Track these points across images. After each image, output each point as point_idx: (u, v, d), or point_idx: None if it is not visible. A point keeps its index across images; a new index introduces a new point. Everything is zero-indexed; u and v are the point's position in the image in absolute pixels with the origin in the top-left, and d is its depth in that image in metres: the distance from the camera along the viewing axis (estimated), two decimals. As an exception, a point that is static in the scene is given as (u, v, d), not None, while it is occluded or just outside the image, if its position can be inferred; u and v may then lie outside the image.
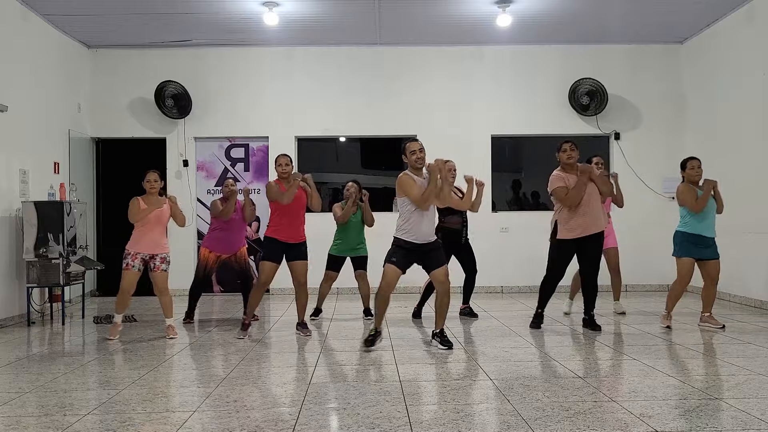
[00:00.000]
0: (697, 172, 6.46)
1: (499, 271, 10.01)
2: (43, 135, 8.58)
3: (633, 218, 9.44)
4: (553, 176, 6.51)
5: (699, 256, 6.45)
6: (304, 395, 4.26)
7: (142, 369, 5.14)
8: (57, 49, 9.12)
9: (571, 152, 6.43)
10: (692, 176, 6.47)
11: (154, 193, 6.48)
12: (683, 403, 3.96)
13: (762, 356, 5.27)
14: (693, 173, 6.47)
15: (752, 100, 8.32)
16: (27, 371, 5.12)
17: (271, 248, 6.29)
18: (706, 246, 6.43)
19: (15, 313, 7.69)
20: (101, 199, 10.28)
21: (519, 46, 10.21)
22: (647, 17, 9.02)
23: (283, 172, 6.37)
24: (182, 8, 8.53)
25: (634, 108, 10.25)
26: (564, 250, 6.49)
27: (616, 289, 7.65)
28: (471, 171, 9.80)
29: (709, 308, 6.58)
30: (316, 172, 10.81)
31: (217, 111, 10.19)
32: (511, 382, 4.55)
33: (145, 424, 3.70)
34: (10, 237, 7.67)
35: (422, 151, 5.71)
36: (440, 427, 3.57)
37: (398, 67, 10.24)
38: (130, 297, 6.48)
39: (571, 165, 6.45)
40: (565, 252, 6.50)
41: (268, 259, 6.28)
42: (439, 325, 5.82)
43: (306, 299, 6.49)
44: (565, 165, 6.48)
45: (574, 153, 6.44)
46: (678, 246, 6.52)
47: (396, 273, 5.67)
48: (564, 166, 6.49)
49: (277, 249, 6.29)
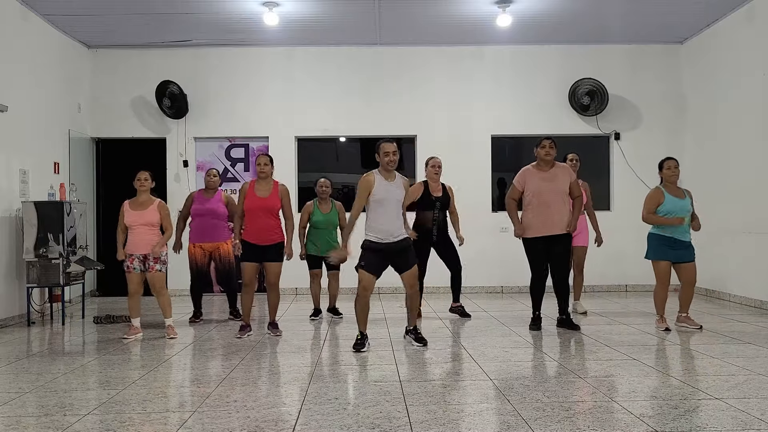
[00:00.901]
0: (673, 173, 6.47)
1: (499, 271, 10.01)
2: (43, 135, 8.58)
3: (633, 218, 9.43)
4: (520, 171, 6.68)
5: (674, 259, 6.46)
6: (304, 395, 4.26)
7: (142, 369, 5.14)
8: (57, 49, 9.12)
9: (550, 149, 6.51)
10: (668, 176, 6.50)
11: (144, 192, 6.51)
12: (683, 403, 3.96)
13: (762, 356, 5.27)
14: (669, 173, 6.49)
15: (752, 100, 8.32)
16: (27, 371, 5.12)
17: (247, 250, 6.37)
18: (682, 248, 6.43)
19: (15, 313, 7.69)
20: (101, 199, 10.28)
21: (519, 46, 10.21)
22: (647, 17, 9.02)
23: (261, 171, 6.43)
24: (182, 8, 8.53)
25: (634, 108, 10.25)
26: (532, 249, 6.59)
27: (577, 287, 7.67)
28: (471, 171, 9.94)
29: (686, 308, 6.59)
30: (316, 172, 10.87)
31: (217, 111, 10.19)
32: (511, 382, 4.55)
33: (145, 424, 3.70)
34: (10, 237, 7.67)
35: (396, 153, 5.66)
36: (440, 427, 3.57)
37: (398, 67, 10.24)
38: (138, 299, 6.50)
39: (546, 162, 6.52)
40: (533, 250, 6.58)
41: (245, 260, 6.37)
42: (411, 322, 5.96)
43: (276, 299, 6.55)
44: (541, 161, 6.55)
45: (552, 151, 6.52)
46: (652, 249, 6.53)
47: (369, 277, 5.63)
48: (540, 161, 6.57)
49: (252, 250, 6.36)
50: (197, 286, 7.58)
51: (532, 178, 6.55)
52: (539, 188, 6.48)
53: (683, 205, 6.41)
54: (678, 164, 6.55)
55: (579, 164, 7.57)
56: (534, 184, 6.52)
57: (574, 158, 7.53)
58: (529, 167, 6.65)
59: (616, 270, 10.02)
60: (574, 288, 7.68)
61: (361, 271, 5.64)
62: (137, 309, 6.54)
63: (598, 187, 8.62)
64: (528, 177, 6.57)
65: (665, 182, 6.54)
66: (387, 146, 5.69)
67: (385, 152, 5.66)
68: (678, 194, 6.46)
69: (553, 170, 6.55)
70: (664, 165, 6.55)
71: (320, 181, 7.53)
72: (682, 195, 6.46)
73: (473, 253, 7.72)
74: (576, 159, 7.53)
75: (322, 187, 7.48)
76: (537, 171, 6.57)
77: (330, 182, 7.59)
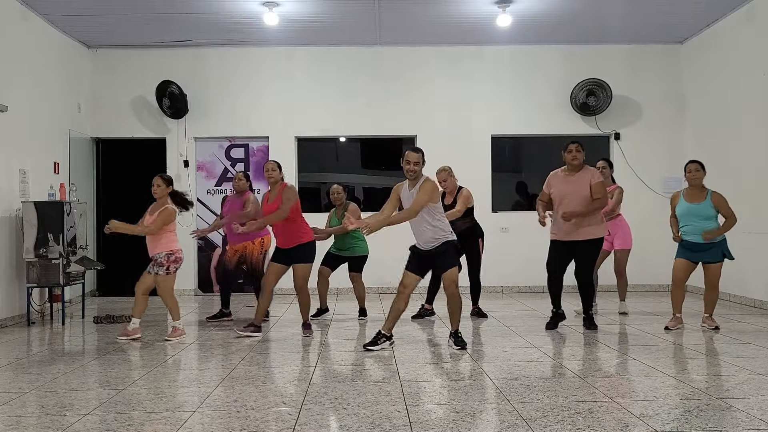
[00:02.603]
0: (694, 176, 6.47)
1: (499, 271, 10.00)
2: (43, 135, 8.58)
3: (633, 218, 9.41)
4: (550, 175, 6.69)
5: (697, 260, 6.50)
6: (304, 395, 4.26)
7: (142, 369, 5.14)
8: (57, 49, 9.11)
9: (576, 153, 6.46)
10: (689, 179, 6.54)
11: (157, 197, 6.43)
12: (683, 403, 3.96)
13: (762, 356, 5.27)
14: (689, 176, 6.51)
15: (752, 100, 8.32)
16: (27, 371, 5.12)
17: (276, 252, 6.49)
18: (703, 250, 6.43)
19: (15, 313, 7.68)
20: (101, 199, 10.27)
21: (519, 46, 10.20)
22: (647, 17, 9.02)
23: (269, 177, 6.47)
24: (182, 8, 8.53)
25: (634, 108, 10.25)
26: (553, 249, 6.62)
27: (620, 290, 7.71)
28: (471, 171, 9.92)
29: (708, 310, 6.60)
30: (316, 172, 10.88)
31: (217, 111, 10.19)
32: (511, 382, 4.55)
33: (145, 424, 3.70)
34: (10, 237, 7.66)
35: (417, 164, 5.63)
36: (440, 427, 3.57)
37: (398, 67, 10.24)
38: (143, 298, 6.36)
39: (574, 166, 6.47)
40: (553, 250, 6.60)
41: (274, 260, 6.48)
42: (453, 326, 5.85)
43: (306, 299, 6.50)
44: (568, 165, 6.53)
45: (579, 155, 6.46)
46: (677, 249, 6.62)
47: (411, 277, 5.75)
48: (567, 165, 6.55)
49: (279, 252, 6.45)
50: (223, 284, 7.61)
51: (556, 181, 6.55)
52: (563, 192, 6.46)
53: (697, 209, 6.40)
54: (701, 167, 6.51)
55: (609, 170, 7.51)
56: (557, 188, 6.51)
57: (603, 165, 7.40)
58: (558, 171, 6.65)
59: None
60: (618, 290, 7.71)
61: (404, 271, 5.80)
62: (140, 310, 6.44)
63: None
64: (553, 180, 6.59)
65: (689, 185, 6.57)
66: (408, 155, 5.67)
67: (406, 161, 5.66)
68: (696, 199, 6.44)
69: (579, 174, 6.49)
70: (686, 168, 6.57)
71: (333, 188, 7.56)
72: (700, 199, 6.43)
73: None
74: (603, 166, 7.38)
75: (335, 194, 7.50)
76: (563, 175, 6.56)
77: (342, 187, 7.59)
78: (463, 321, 7.33)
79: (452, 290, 5.70)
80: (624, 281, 7.64)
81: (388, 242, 7.87)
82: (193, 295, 10.05)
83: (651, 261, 9.80)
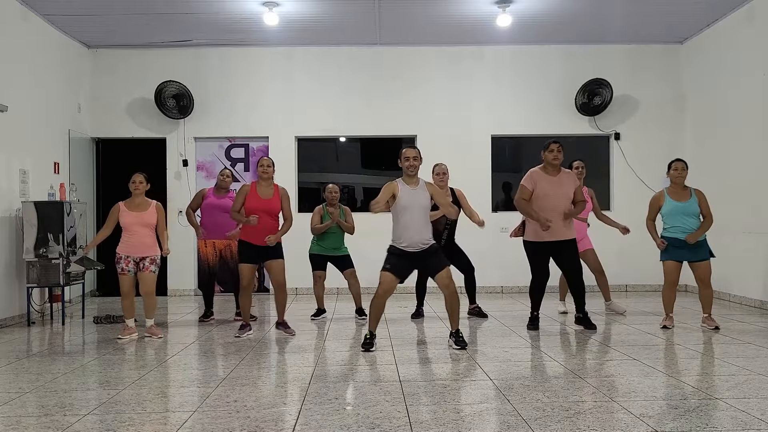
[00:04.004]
0: (679, 174, 6.51)
1: (499, 271, 10.00)
2: (43, 135, 8.58)
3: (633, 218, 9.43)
4: (527, 173, 6.58)
5: (686, 259, 6.48)
6: (304, 395, 4.26)
7: (142, 369, 5.14)
8: (57, 49, 9.11)
9: (558, 153, 6.44)
10: (674, 177, 6.55)
11: (138, 194, 6.53)
12: (683, 403, 3.96)
13: (762, 356, 5.27)
14: (675, 174, 6.53)
15: (752, 100, 8.32)
16: (27, 371, 5.12)
17: (245, 251, 6.35)
18: (692, 248, 6.42)
19: (15, 313, 7.69)
20: (101, 199, 10.27)
21: (519, 46, 10.20)
22: (647, 17, 9.02)
23: (264, 173, 6.45)
24: (182, 8, 8.53)
25: (634, 108, 10.25)
26: (536, 252, 6.56)
27: (603, 289, 7.63)
28: (471, 171, 9.93)
29: (707, 309, 6.59)
30: (316, 172, 10.87)
31: (217, 111, 10.19)
32: (511, 382, 4.55)
33: (145, 424, 3.70)
34: (10, 237, 7.66)
35: (416, 159, 5.68)
36: (440, 427, 3.57)
37: (398, 67, 10.24)
38: (133, 300, 6.51)
39: (554, 166, 6.47)
40: (538, 253, 6.55)
41: (244, 261, 6.35)
42: (453, 326, 5.82)
43: (284, 298, 6.55)
44: (549, 165, 6.49)
45: (560, 155, 6.45)
46: (662, 250, 6.56)
47: (391, 280, 5.65)
48: (547, 165, 6.51)
49: (252, 251, 6.34)
50: (209, 285, 7.60)
51: (541, 180, 6.47)
52: (547, 192, 6.43)
53: (685, 207, 6.41)
54: (686, 166, 6.57)
55: (585, 172, 7.50)
56: (542, 187, 6.45)
57: (580, 165, 7.42)
58: (537, 169, 6.56)
59: (616, 270, 9.97)
60: (601, 290, 7.64)
61: (383, 273, 5.66)
62: (132, 310, 6.52)
63: (598, 187, 8.61)
64: (538, 179, 6.48)
65: (671, 183, 6.57)
66: (407, 151, 5.71)
67: (406, 157, 5.68)
68: (681, 197, 6.46)
69: (560, 175, 6.49)
70: (671, 166, 6.58)
71: (329, 187, 7.54)
72: (686, 197, 6.46)
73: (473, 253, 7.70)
74: (582, 167, 7.43)
75: (331, 193, 7.49)
76: (545, 174, 6.50)
77: (339, 187, 7.61)
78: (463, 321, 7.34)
79: (452, 288, 5.69)
80: (605, 278, 7.58)
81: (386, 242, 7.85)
82: (192, 295, 10.04)
83: (650, 261, 9.73)
